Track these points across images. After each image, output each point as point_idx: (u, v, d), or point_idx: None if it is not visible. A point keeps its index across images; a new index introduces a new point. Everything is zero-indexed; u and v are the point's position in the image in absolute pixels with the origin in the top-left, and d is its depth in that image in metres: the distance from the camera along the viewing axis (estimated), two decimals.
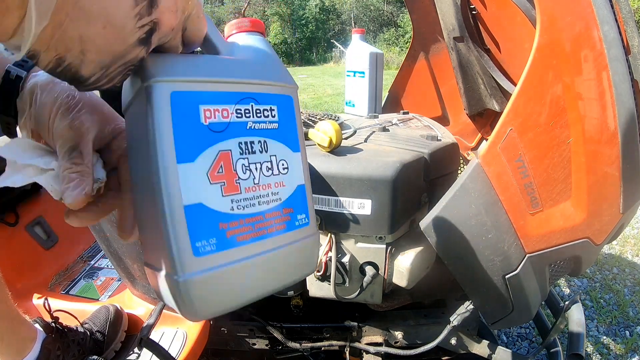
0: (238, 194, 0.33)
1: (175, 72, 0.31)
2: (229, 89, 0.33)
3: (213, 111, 0.32)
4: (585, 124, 0.62)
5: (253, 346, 1.00)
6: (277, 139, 0.36)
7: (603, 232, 0.71)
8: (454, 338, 0.91)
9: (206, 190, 0.31)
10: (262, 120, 0.34)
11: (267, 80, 0.35)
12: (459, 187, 0.65)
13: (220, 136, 0.32)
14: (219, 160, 0.32)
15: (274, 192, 0.35)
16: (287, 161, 0.36)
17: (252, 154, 0.34)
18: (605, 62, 0.60)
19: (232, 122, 0.33)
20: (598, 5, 0.60)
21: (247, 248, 0.33)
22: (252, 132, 0.34)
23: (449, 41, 1.13)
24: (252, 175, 0.34)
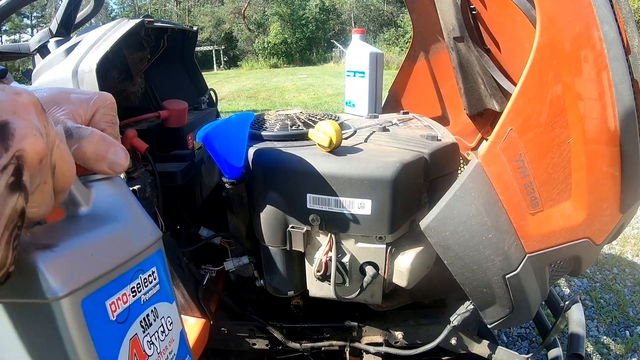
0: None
1: (77, 276, 0.27)
2: (122, 272, 0.32)
3: (116, 302, 0.31)
4: (585, 124, 0.62)
5: (253, 346, 1.00)
6: (161, 300, 0.37)
7: (603, 232, 0.71)
8: (454, 338, 0.91)
9: None
10: (149, 288, 0.35)
11: (145, 244, 0.35)
12: (459, 187, 0.65)
13: (126, 325, 0.32)
14: (132, 350, 0.32)
15: (170, 351, 0.37)
16: (170, 316, 0.38)
17: (150, 326, 0.35)
18: (605, 62, 0.60)
19: (131, 304, 0.33)
20: (598, 5, 0.60)
21: None
22: (146, 305, 0.35)
23: (449, 41, 1.13)
24: (155, 347, 0.35)
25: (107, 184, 0.34)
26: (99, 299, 0.29)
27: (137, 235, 0.35)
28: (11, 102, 0.22)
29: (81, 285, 0.27)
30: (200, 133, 0.68)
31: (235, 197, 0.81)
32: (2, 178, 0.20)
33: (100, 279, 0.29)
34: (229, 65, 21.90)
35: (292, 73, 14.68)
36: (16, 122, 0.21)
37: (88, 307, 0.28)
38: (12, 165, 0.21)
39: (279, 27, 22.37)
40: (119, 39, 0.79)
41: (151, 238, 0.36)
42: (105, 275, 0.30)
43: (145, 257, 0.35)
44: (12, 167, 0.21)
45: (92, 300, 0.29)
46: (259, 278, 0.93)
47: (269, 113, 1.03)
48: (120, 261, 0.32)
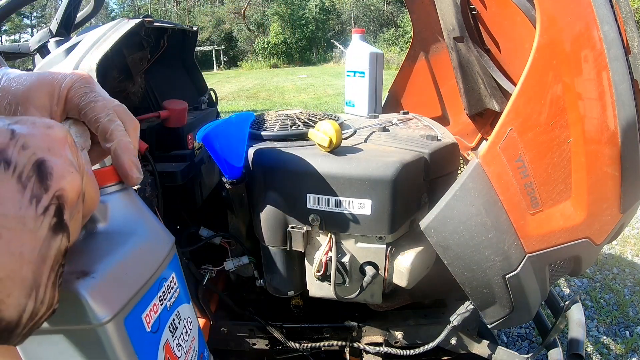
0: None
1: (118, 298, 0.29)
2: (151, 284, 0.33)
3: (149, 314, 0.32)
4: (585, 124, 0.62)
5: (253, 346, 1.00)
6: (182, 302, 0.39)
7: (603, 232, 0.71)
8: (454, 338, 0.91)
9: None
10: (172, 293, 0.37)
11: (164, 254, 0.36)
12: (459, 187, 0.65)
13: (159, 333, 0.34)
14: (166, 356, 0.34)
15: (194, 349, 0.40)
16: (190, 316, 0.40)
17: (176, 329, 0.37)
18: (605, 62, 0.60)
19: (160, 312, 0.34)
20: (598, 5, 0.60)
21: None
22: (171, 310, 0.36)
23: (449, 41, 1.13)
24: (182, 348, 0.37)
25: (120, 197, 0.34)
26: (137, 314, 0.31)
27: (156, 245, 0.36)
28: (44, 138, 0.21)
29: (122, 306, 0.29)
30: (200, 133, 0.68)
31: (235, 197, 0.81)
32: (45, 220, 0.19)
33: (136, 295, 0.31)
34: (229, 65, 21.89)
35: (292, 73, 14.68)
36: (52, 160, 0.21)
37: (130, 324, 0.29)
38: (53, 205, 0.20)
39: (279, 27, 22.36)
40: (119, 39, 0.79)
41: (168, 245, 0.37)
42: (139, 291, 0.31)
43: (166, 265, 0.36)
44: (54, 207, 0.20)
45: (132, 318, 0.30)
46: (259, 278, 0.93)
47: (269, 113, 1.03)
48: (149, 274, 0.33)
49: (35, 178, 0.19)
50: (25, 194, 0.19)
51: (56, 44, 1.17)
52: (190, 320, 0.40)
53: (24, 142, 0.20)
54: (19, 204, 0.18)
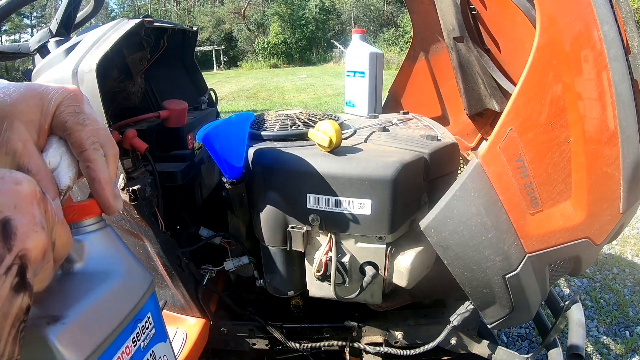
0: None
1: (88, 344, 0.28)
2: (124, 326, 0.32)
3: (122, 355, 0.32)
4: (585, 124, 0.62)
5: (253, 346, 1.00)
6: (157, 341, 0.38)
7: (603, 232, 0.71)
8: (454, 338, 0.91)
9: None
10: (146, 333, 0.36)
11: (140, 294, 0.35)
12: (459, 187, 0.65)
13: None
14: None
15: None
16: (166, 355, 0.39)
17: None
18: (605, 62, 0.60)
19: (133, 354, 0.34)
20: (598, 5, 0.60)
21: None
22: (145, 350, 0.36)
23: (449, 41, 1.13)
24: None
25: (98, 236, 0.34)
26: (107, 358, 0.30)
27: (133, 286, 0.35)
28: (11, 194, 0.21)
29: (93, 351, 0.28)
30: (200, 133, 0.68)
31: (235, 197, 0.81)
32: (7, 280, 0.19)
33: (107, 339, 0.30)
34: (228, 65, 21.89)
35: (292, 73, 14.68)
36: (17, 218, 0.20)
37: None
38: (15, 265, 0.20)
39: (279, 27, 22.35)
40: (119, 39, 0.79)
41: (145, 286, 0.36)
42: (111, 334, 0.31)
43: (142, 305, 0.35)
44: (16, 267, 0.20)
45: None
46: (259, 278, 0.93)
47: (268, 113, 1.03)
48: (122, 317, 0.32)
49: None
50: None
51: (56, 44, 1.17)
52: (166, 358, 0.39)
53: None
54: None
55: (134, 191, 0.71)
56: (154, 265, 0.84)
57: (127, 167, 0.76)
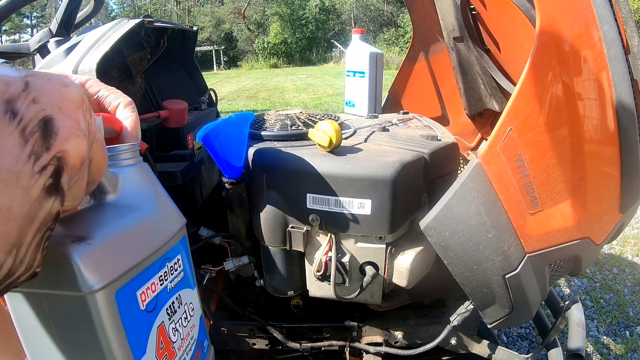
0: (175, 357, 0.35)
1: (112, 269, 0.28)
2: (152, 261, 0.32)
3: (146, 291, 0.31)
4: (585, 124, 0.62)
5: (253, 346, 1.00)
6: (184, 287, 0.38)
7: (603, 232, 0.71)
8: (454, 338, 0.91)
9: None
10: (175, 275, 0.36)
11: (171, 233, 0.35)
12: (459, 187, 0.65)
13: (154, 313, 0.33)
14: (159, 338, 0.33)
15: (191, 336, 0.39)
16: (193, 302, 0.39)
17: (174, 313, 0.35)
18: (605, 62, 0.60)
19: (159, 292, 0.33)
20: (598, 5, 0.60)
21: None
22: (172, 292, 0.35)
23: (449, 41, 1.13)
24: (179, 333, 0.36)
25: (135, 171, 0.34)
26: (131, 289, 0.29)
27: (164, 224, 0.35)
28: (57, 96, 0.21)
29: (115, 278, 0.27)
30: (200, 133, 0.68)
31: (235, 197, 0.81)
32: (40, 179, 0.19)
33: (132, 269, 0.29)
34: (229, 65, 21.88)
35: (292, 73, 14.68)
36: (60, 119, 0.20)
37: (121, 298, 0.28)
38: (51, 166, 0.19)
39: (279, 27, 22.34)
40: (119, 39, 0.79)
41: (177, 226, 0.36)
42: (137, 266, 0.30)
43: (172, 245, 0.35)
44: (52, 168, 0.19)
45: (125, 292, 0.29)
46: (259, 278, 0.93)
47: (269, 113, 1.03)
48: (151, 251, 0.32)
49: (39, 134, 0.19)
50: (25, 149, 0.18)
51: (56, 44, 1.17)
52: (192, 306, 0.39)
53: (35, 96, 0.19)
54: (17, 158, 0.18)
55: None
56: None
57: None
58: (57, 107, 0.20)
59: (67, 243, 0.26)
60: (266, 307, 1.01)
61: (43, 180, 0.19)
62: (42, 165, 0.19)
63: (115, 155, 0.33)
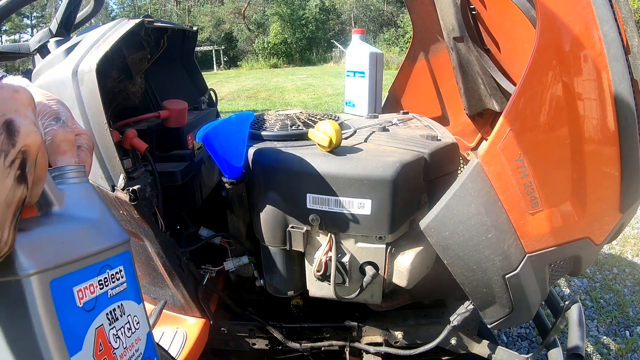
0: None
1: (47, 258, 0.29)
2: (90, 263, 0.34)
3: (84, 290, 0.32)
4: (585, 124, 0.62)
5: (253, 346, 1.00)
6: (128, 298, 0.39)
7: (603, 232, 0.71)
8: (454, 338, 0.91)
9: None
10: (116, 284, 0.37)
11: (113, 243, 0.37)
12: (459, 187, 0.65)
13: (93, 314, 0.33)
14: (97, 339, 0.34)
15: (136, 349, 0.39)
16: (137, 316, 0.40)
17: (116, 320, 0.36)
18: (605, 62, 0.60)
19: (98, 295, 0.34)
20: (598, 5, 0.60)
21: None
22: (112, 299, 0.36)
23: (449, 41, 1.13)
24: (121, 341, 0.37)
25: (80, 188, 0.37)
26: (67, 283, 0.31)
27: (104, 234, 0.37)
28: (12, 101, 0.24)
29: (50, 267, 0.29)
30: (200, 133, 0.68)
31: (235, 197, 0.81)
32: (11, 172, 0.23)
33: (68, 265, 0.31)
34: (229, 65, 21.88)
35: (292, 73, 14.67)
36: (19, 120, 0.24)
37: (56, 288, 0.29)
38: (18, 159, 0.23)
39: (279, 27, 22.34)
40: (119, 39, 0.79)
41: (118, 239, 0.38)
42: (74, 263, 0.32)
43: (112, 254, 0.37)
44: (19, 161, 0.23)
45: (61, 283, 0.30)
46: (259, 278, 0.93)
47: (269, 113, 1.03)
48: (88, 252, 0.34)
49: (4, 135, 0.22)
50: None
51: (56, 44, 1.17)
52: (137, 320, 0.40)
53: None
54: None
55: (134, 191, 0.71)
56: (154, 265, 0.84)
57: (127, 167, 0.76)
58: (14, 110, 0.24)
59: None
60: (266, 307, 1.01)
61: (14, 172, 0.23)
62: (11, 160, 0.23)
63: (63, 174, 0.36)
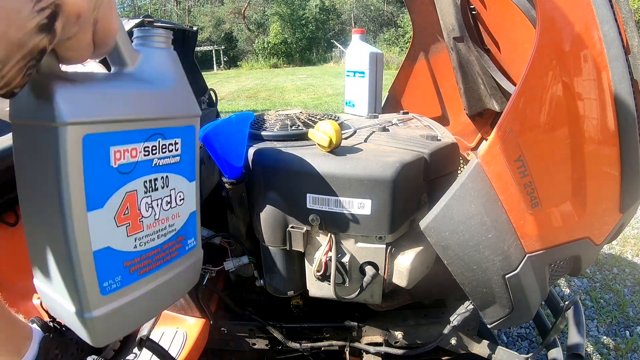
0: (141, 232, 0.35)
1: (88, 112, 0.29)
2: (139, 127, 0.32)
3: (123, 152, 0.31)
4: (585, 124, 0.62)
5: (253, 346, 1.00)
6: (177, 173, 0.37)
7: (603, 232, 0.71)
8: (454, 338, 0.91)
9: (113, 234, 0.32)
10: (167, 155, 0.35)
11: (175, 113, 0.35)
12: (459, 186, 0.65)
13: (128, 177, 0.32)
14: (125, 203, 0.32)
15: (170, 224, 0.38)
16: (183, 192, 0.38)
17: (155, 191, 0.35)
18: (605, 62, 0.60)
19: (140, 161, 0.33)
20: (598, 5, 0.59)
21: (147, 280, 0.36)
22: (157, 169, 0.35)
23: (449, 41, 1.13)
24: (154, 212, 0.35)
25: (162, 53, 0.35)
26: (103, 141, 0.30)
27: (168, 102, 0.35)
28: None
29: (87, 121, 0.28)
30: (200, 133, 0.68)
31: (235, 197, 0.81)
32: (36, 18, 0.23)
33: (109, 123, 0.30)
34: (229, 65, 21.88)
35: (292, 73, 14.68)
36: None
37: (89, 143, 0.29)
38: (49, 9, 0.23)
39: (279, 27, 22.34)
40: None
41: (185, 111, 0.36)
42: (117, 123, 0.30)
43: (169, 125, 0.35)
44: (49, 11, 0.23)
45: (96, 139, 0.29)
46: (259, 278, 0.93)
47: (269, 113, 1.03)
48: (138, 115, 0.32)
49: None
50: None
51: None
52: (182, 197, 0.38)
53: None
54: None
55: None
56: None
57: None
58: None
59: (51, 79, 0.28)
60: (266, 307, 1.01)
61: (39, 19, 0.23)
62: (41, 7, 0.23)
63: (147, 36, 0.35)
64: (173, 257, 0.39)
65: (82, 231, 0.30)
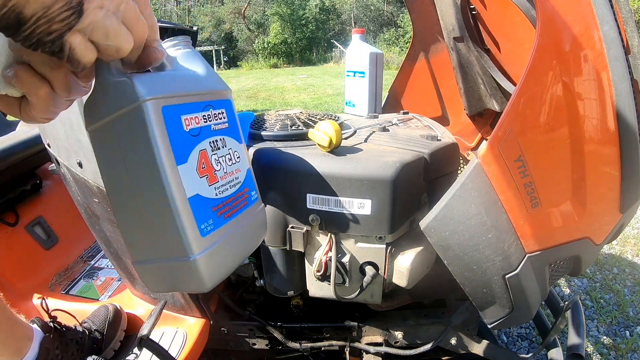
0: (217, 182, 0.43)
1: (160, 90, 0.37)
2: (195, 100, 0.41)
3: (190, 119, 0.40)
4: (585, 124, 0.62)
5: (253, 346, 1.00)
6: (229, 135, 0.46)
7: (603, 232, 0.71)
8: (454, 338, 0.91)
9: (198, 183, 0.40)
10: (219, 122, 0.44)
11: (216, 90, 0.45)
12: (459, 187, 0.65)
13: (198, 139, 0.41)
14: (201, 158, 0.41)
15: (235, 177, 0.46)
16: (238, 151, 0.47)
17: (218, 149, 0.43)
18: (605, 62, 0.60)
19: (202, 126, 0.42)
20: (598, 5, 0.60)
21: (231, 223, 0.44)
22: (215, 132, 0.43)
23: (449, 41, 1.13)
24: (222, 166, 0.44)
25: (188, 54, 0.45)
26: (175, 111, 0.38)
27: (209, 82, 0.45)
28: None
29: (162, 95, 0.36)
30: None
31: None
32: None
33: (177, 97, 0.38)
34: (229, 65, 21.87)
35: (292, 73, 14.67)
36: None
37: (167, 112, 0.37)
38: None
39: (279, 27, 22.33)
40: None
41: (222, 88, 0.46)
42: (182, 96, 0.39)
43: (215, 98, 0.44)
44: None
45: (170, 110, 0.37)
46: (259, 278, 0.93)
47: (269, 113, 1.03)
48: (195, 91, 0.41)
49: None
50: None
51: None
52: (238, 155, 0.46)
53: None
54: None
55: None
56: None
57: None
58: None
59: (129, 75, 0.35)
60: (266, 307, 1.01)
61: None
62: None
63: (173, 44, 0.45)
64: (245, 205, 0.47)
65: (177, 182, 0.37)
